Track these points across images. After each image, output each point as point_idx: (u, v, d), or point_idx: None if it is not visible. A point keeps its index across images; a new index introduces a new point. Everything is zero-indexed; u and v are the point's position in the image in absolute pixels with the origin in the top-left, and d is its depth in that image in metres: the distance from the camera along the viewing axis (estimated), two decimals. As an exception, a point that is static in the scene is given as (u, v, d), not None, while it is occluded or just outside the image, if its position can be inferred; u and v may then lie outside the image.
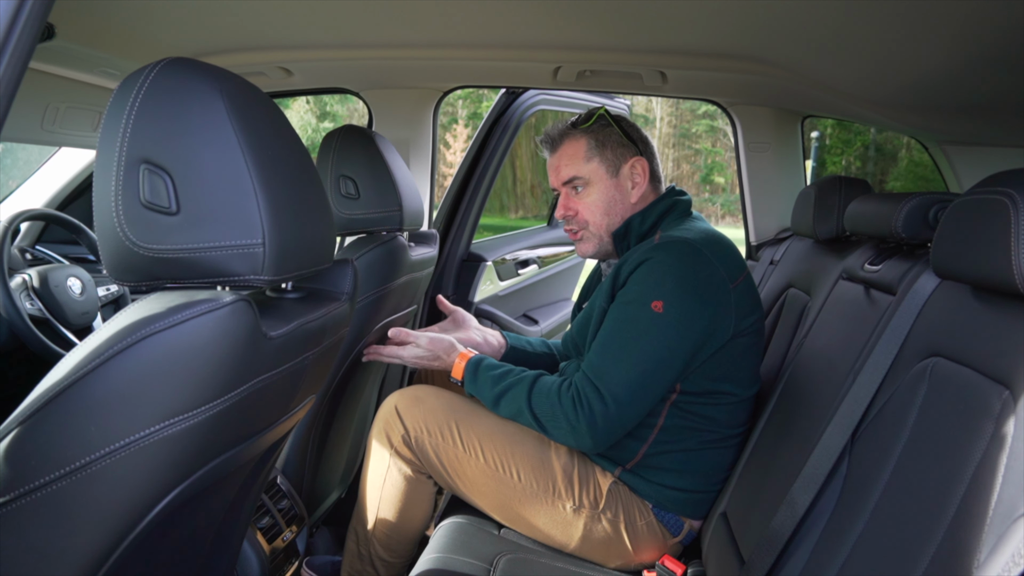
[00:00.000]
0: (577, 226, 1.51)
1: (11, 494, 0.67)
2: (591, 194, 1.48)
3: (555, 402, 1.32)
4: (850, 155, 13.60)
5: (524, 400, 1.35)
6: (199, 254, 0.74)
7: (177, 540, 0.88)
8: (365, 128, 1.59)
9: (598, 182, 1.48)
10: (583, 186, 1.48)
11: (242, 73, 1.07)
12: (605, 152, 1.48)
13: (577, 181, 1.48)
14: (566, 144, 1.50)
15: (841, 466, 1.01)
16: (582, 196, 1.49)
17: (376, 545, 1.50)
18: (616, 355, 1.30)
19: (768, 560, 1.05)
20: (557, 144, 1.52)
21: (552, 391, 1.33)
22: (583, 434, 1.29)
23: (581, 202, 1.49)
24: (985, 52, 1.12)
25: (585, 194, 1.48)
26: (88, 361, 0.67)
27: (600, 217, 1.48)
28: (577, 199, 1.50)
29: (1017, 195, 0.78)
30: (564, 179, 1.50)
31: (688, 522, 1.43)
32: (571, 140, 1.50)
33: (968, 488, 0.74)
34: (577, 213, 1.50)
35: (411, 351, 1.51)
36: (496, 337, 1.71)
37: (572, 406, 1.30)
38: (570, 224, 1.52)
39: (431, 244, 1.90)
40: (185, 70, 0.75)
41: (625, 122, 1.53)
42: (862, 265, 1.32)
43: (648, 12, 1.33)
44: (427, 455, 1.43)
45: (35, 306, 1.65)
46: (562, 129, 1.52)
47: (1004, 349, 0.79)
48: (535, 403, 1.34)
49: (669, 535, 1.42)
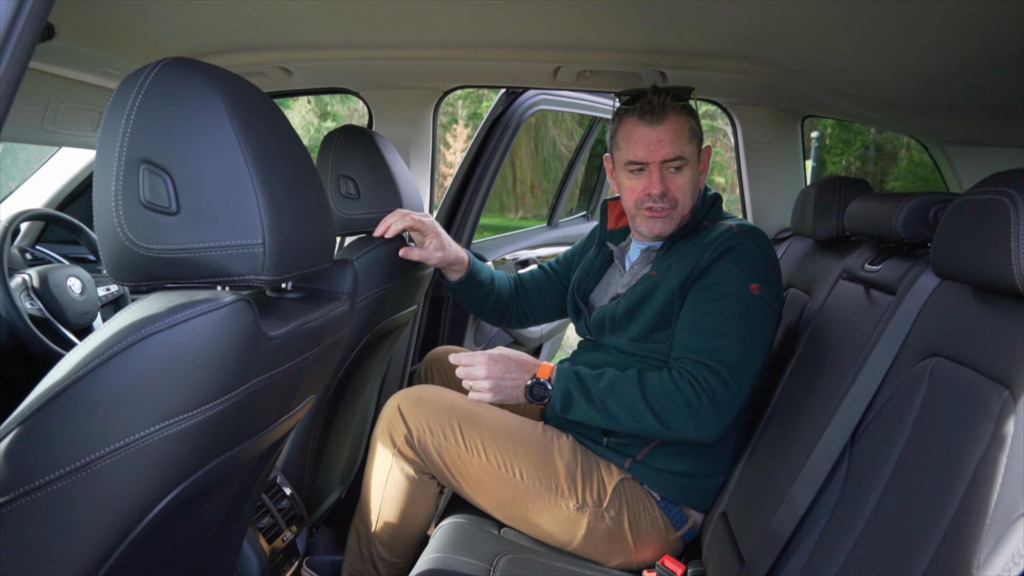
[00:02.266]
0: (668, 204, 1.47)
1: (11, 494, 0.67)
2: (686, 175, 1.47)
3: (673, 391, 1.30)
4: (850, 155, 13.59)
5: (639, 398, 1.31)
6: (199, 254, 0.74)
7: (177, 540, 0.88)
8: (365, 128, 1.59)
9: (692, 164, 1.48)
10: (681, 166, 1.46)
11: (242, 73, 1.07)
12: (697, 136, 1.49)
13: (678, 161, 1.45)
14: (671, 120, 1.44)
15: (841, 466, 1.01)
16: (677, 176, 1.46)
17: (378, 545, 1.50)
18: (724, 335, 1.32)
19: (768, 560, 1.05)
20: (661, 117, 1.44)
21: (666, 382, 1.32)
22: (708, 417, 1.29)
23: (676, 181, 1.46)
24: (985, 52, 1.12)
25: (680, 174, 1.46)
26: (88, 361, 0.67)
27: (688, 199, 1.49)
28: (672, 178, 1.46)
29: (1017, 195, 0.78)
30: (668, 156, 1.44)
31: (692, 516, 1.44)
32: (676, 117, 1.45)
33: (968, 488, 0.74)
34: (669, 191, 1.46)
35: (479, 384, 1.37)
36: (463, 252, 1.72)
37: (692, 391, 1.29)
38: (660, 202, 1.46)
39: (431, 244, 1.90)
40: (185, 70, 0.75)
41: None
42: (862, 265, 1.32)
43: (648, 12, 1.33)
44: (430, 455, 1.43)
45: (35, 306, 1.65)
46: (665, 101, 1.45)
47: (1004, 349, 0.79)
48: (651, 399, 1.30)
49: (672, 529, 1.43)
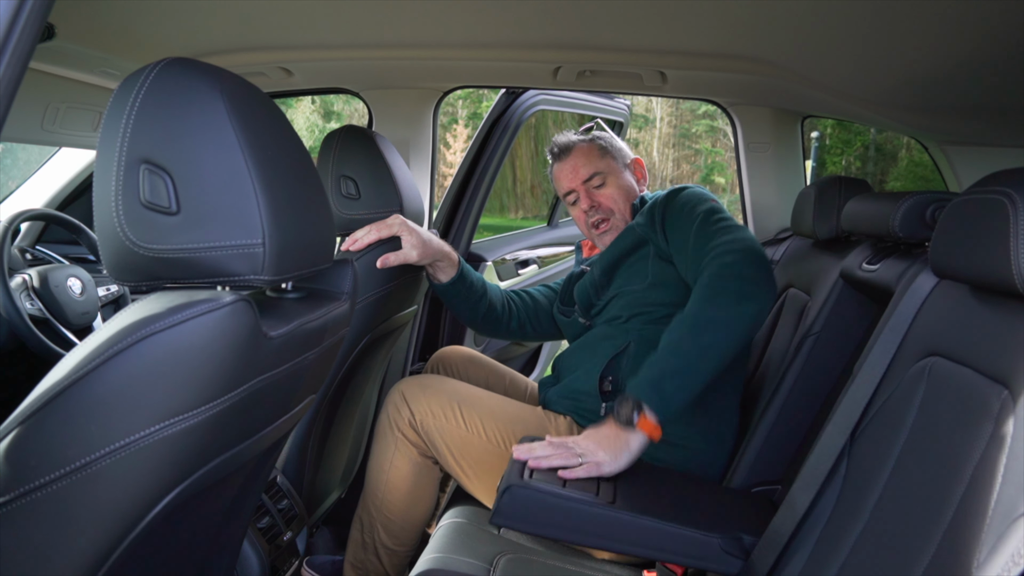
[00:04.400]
0: (604, 215, 1.62)
1: (11, 494, 0.67)
2: (611, 185, 1.63)
3: (713, 284, 1.23)
4: (850, 155, 13.60)
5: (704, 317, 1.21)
6: (199, 254, 0.74)
7: (177, 540, 0.88)
8: (366, 128, 1.60)
9: (615, 173, 1.64)
10: (602, 180, 1.63)
11: (242, 73, 1.07)
12: (613, 152, 1.66)
13: (596, 177, 1.62)
14: (577, 149, 1.65)
15: (840, 466, 1.01)
16: (603, 189, 1.63)
17: (381, 532, 1.52)
18: (717, 232, 1.33)
19: (768, 560, 1.05)
20: (568, 151, 1.66)
21: (703, 289, 1.24)
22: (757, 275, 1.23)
23: (603, 193, 1.63)
24: (985, 52, 1.12)
25: (606, 186, 1.63)
26: (88, 361, 0.67)
27: (623, 204, 1.63)
28: (598, 192, 1.63)
29: (1016, 194, 0.78)
30: (584, 177, 1.63)
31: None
32: (581, 145, 1.66)
33: (967, 488, 0.74)
34: (600, 204, 1.62)
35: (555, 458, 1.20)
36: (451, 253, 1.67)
37: (725, 270, 1.24)
38: (596, 215, 1.63)
39: (431, 244, 1.90)
40: (185, 70, 0.75)
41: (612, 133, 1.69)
42: (860, 265, 1.32)
43: (648, 12, 1.33)
44: (432, 437, 1.47)
45: (35, 306, 1.65)
46: (568, 139, 1.67)
47: (1003, 348, 0.79)
48: (710, 310, 1.21)
49: None
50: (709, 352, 1.19)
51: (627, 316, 1.50)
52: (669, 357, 1.20)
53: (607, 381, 1.47)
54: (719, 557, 1.08)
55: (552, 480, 1.15)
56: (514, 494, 1.12)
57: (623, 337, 1.49)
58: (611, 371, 1.48)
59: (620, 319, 1.52)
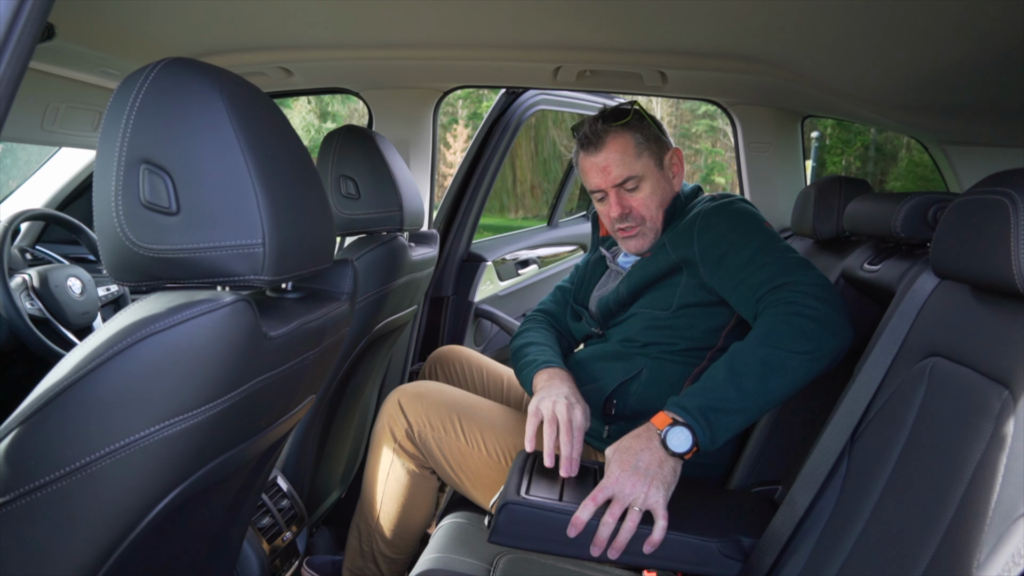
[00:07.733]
0: (634, 222, 1.45)
1: (11, 494, 0.67)
2: (645, 189, 1.44)
3: (780, 324, 1.15)
4: (850, 155, 13.60)
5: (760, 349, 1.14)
6: (199, 254, 0.74)
7: (177, 540, 0.88)
8: (365, 128, 1.59)
9: (650, 177, 1.44)
10: (636, 184, 1.43)
11: (242, 73, 1.07)
12: (651, 146, 1.45)
13: (630, 181, 1.43)
14: (611, 142, 1.42)
15: (840, 466, 1.01)
16: (636, 193, 1.44)
17: (379, 541, 1.51)
18: (773, 260, 1.25)
19: (768, 560, 1.05)
20: (601, 143, 1.43)
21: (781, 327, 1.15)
22: (826, 313, 1.14)
23: (635, 198, 1.44)
24: (984, 52, 1.12)
25: (639, 191, 1.44)
26: (88, 361, 0.67)
27: (656, 211, 1.45)
28: (631, 196, 1.44)
29: (1016, 195, 0.78)
30: (617, 180, 1.43)
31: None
32: (616, 138, 1.43)
33: (968, 488, 0.74)
34: (632, 210, 1.44)
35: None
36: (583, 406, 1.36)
37: (791, 306, 1.16)
38: (626, 222, 1.45)
39: (431, 244, 1.90)
40: (185, 70, 0.75)
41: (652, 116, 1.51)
42: (861, 265, 1.32)
43: (648, 12, 1.33)
44: (430, 449, 1.44)
45: (35, 306, 1.65)
46: (603, 127, 1.43)
47: (1004, 349, 0.79)
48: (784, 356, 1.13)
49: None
50: (769, 397, 1.13)
51: (644, 341, 1.41)
52: (730, 390, 1.12)
53: (612, 404, 1.41)
54: (718, 561, 1.08)
55: (551, 489, 1.15)
56: (511, 512, 1.09)
57: (637, 362, 1.40)
58: (618, 395, 1.40)
59: (637, 342, 1.42)
